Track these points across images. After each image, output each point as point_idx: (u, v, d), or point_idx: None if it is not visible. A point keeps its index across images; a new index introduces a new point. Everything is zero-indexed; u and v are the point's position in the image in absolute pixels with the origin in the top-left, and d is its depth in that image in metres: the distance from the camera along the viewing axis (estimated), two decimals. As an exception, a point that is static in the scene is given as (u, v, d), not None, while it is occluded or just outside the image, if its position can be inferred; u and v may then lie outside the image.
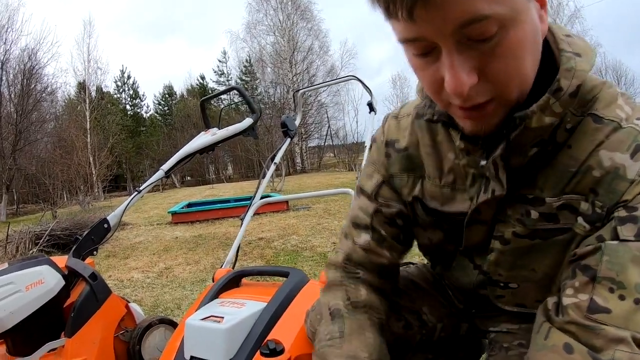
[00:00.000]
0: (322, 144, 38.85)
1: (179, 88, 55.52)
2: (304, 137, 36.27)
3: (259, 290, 1.80)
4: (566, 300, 0.79)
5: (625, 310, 0.72)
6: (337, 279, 1.20)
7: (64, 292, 2.17)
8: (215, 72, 47.68)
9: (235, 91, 3.10)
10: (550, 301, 0.84)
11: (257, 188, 2.73)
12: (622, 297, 0.73)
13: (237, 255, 2.50)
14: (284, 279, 1.77)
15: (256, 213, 2.71)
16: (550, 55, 0.83)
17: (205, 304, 1.72)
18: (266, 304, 1.59)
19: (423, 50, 0.73)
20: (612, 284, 0.74)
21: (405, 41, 0.74)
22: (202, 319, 1.52)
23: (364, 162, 2.50)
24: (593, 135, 0.83)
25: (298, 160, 36.05)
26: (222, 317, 1.49)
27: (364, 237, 1.17)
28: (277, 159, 2.97)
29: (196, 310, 1.67)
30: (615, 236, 0.77)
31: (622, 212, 0.78)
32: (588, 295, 0.76)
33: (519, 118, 0.79)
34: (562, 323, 0.78)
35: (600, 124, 0.83)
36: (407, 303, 1.27)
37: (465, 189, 0.99)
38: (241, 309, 1.56)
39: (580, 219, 0.85)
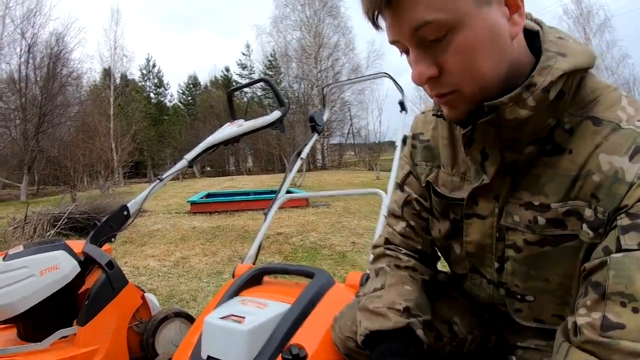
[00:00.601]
0: (344, 141, 38.80)
1: (203, 79, 55.89)
2: (325, 134, 36.23)
3: (282, 290, 1.72)
4: (580, 320, 0.79)
5: None
6: (381, 252, 1.30)
7: (79, 279, 2.13)
8: (238, 65, 47.94)
9: (261, 83, 3.03)
10: (570, 321, 0.83)
11: (283, 183, 2.65)
12: (635, 310, 0.73)
13: (258, 251, 2.42)
14: (309, 279, 1.69)
15: (276, 208, 2.63)
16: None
17: (225, 301, 1.64)
18: (290, 305, 1.51)
19: (403, 50, 0.88)
20: (622, 297, 0.74)
21: (391, 43, 0.88)
22: (222, 318, 1.44)
23: (395, 161, 2.43)
24: (592, 138, 0.85)
25: (319, 156, 36.03)
26: (244, 317, 1.42)
27: (401, 225, 1.28)
28: (304, 154, 2.88)
29: (215, 307, 1.59)
30: (619, 246, 0.77)
31: (624, 220, 0.78)
32: (600, 312, 0.76)
33: (488, 107, 0.85)
34: (579, 343, 0.78)
35: (599, 125, 0.85)
36: (439, 311, 1.26)
37: (472, 180, 1.05)
38: (264, 310, 1.48)
39: (584, 226, 0.86)
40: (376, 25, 0.85)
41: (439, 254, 1.30)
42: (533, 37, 0.91)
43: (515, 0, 0.83)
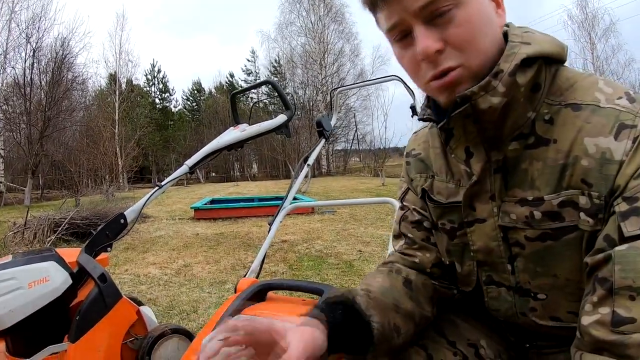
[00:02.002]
0: (349, 147, 38.82)
1: (208, 85, 56.13)
2: (331, 139, 36.23)
3: (288, 309, 1.59)
4: (587, 319, 0.78)
5: None
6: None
7: (71, 292, 2.04)
8: (243, 71, 48.20)
9: (267, 86, 2.91)
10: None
11: (288, 191, 2.52)
12: None
13: (262, 264, 2.28)
14: (317, 297, 1.56)
15: (281, 214, 2.49)
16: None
17: (226, 319, 1.51)
18: None
19: (401, 34, 0.87)
20: (630, 291, 0.74)
21: (388, 30, 0.88)
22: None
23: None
24: (573, 123, 0.85)
25: (323, 162, 36.07)
26: (245, 340, 1.27)
27: (399, 243, 1.24)
28: (310, 161, 2.76)
29: (215, 326, 1.46)
30: (622, 235, 0.76)
31: (622, 206, 0.78)
32: (609, 308, 0.75)
33: (460, 98, 0.86)
34: (590, 344, 0.77)
35: (579, 110, 0.86)
36: (464, 333, 1.18)
37: (466, 186, 1.02)
38: (267, 332, 1.34)
39: (582, 215, 0.85)
40: (386, 2, 0.86)
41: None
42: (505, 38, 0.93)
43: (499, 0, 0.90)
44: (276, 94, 2.80)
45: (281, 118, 2.64)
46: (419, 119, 1.08)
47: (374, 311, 0.98)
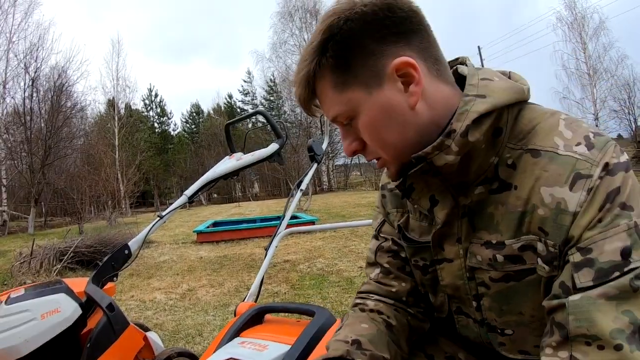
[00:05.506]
0: (349, 162, 38.83)
1: (207, 106, 56.31)
2: (330, 156, 36.36)
3: (283, 330, 1.69)
4: None
5: (608, 358, 0.74)
6: (353, 302, 1.29)
7: (81, 321, 2.11)
8: (240, 92, 48.36)
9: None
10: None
11: (283, 217, 2.62)
12: (601, 347, 0.75)
13: (260, 288, 2.39)
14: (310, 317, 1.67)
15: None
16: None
17: (226, 342, 1.62)
18: (290, 346, 1.48)
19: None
20: (586, 338, 0.76)
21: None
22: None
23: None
24: (532, 171, 0.86)
25: (324, 179, 36.06)
26: (242, 361, 1.39)
27: (375, 272, 1.27)
28: (303, 186, 2.86)
29: (216, 349, 1.57)
30: (574, 285, 0.79)
31: (576, 256, 0.80)
32: (567, 352, 0.78)
33: (415, 158, 0.91)
34: None
35: (538, 157, 0.86)
36: (442, 347, 1.23)
37: (438, 225, 1.04)
38: (263, 352, 1.46)
39: (539, 260, 0.87)
40: (312, 115, 1.03)
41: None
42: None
43: (409, 73, 0.86)
44: (267, 124, 2.90)
45: (273, 147, 2.74)
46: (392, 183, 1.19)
47: None
